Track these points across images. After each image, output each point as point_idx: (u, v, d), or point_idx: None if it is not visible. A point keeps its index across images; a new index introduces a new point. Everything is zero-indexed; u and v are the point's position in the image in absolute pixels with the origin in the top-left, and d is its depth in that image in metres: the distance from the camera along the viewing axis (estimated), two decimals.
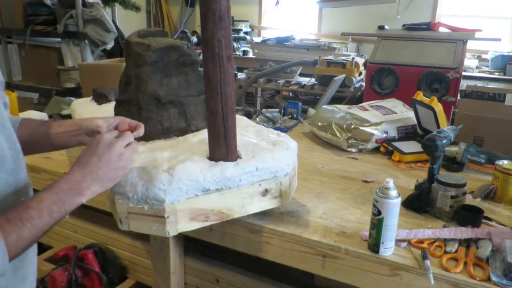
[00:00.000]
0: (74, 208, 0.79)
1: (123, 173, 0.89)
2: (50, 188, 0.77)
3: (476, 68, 4.65)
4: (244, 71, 4.39)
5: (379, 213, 1.06)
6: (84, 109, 1.77)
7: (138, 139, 1.26)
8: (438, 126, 1.76)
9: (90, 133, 1.01)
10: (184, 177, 1.03)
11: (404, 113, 2.07)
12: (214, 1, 0.93)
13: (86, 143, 0.97)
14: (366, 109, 2.08)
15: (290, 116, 2.43)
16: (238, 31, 6.06)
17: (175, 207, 1.03)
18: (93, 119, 1.02)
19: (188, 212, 1.06)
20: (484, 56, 5.00)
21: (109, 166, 0.84)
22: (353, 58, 3.79)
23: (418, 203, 1.33)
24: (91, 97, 1.92)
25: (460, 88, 2.91)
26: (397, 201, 1.06)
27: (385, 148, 1.88)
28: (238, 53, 5.68)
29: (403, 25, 3.37)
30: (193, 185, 1.04)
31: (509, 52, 4.83)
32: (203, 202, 1.07)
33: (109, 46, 4.14)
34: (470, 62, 4.64)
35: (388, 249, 1.09)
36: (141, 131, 1.02)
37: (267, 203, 1.19)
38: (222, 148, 1.08)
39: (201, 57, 1.06)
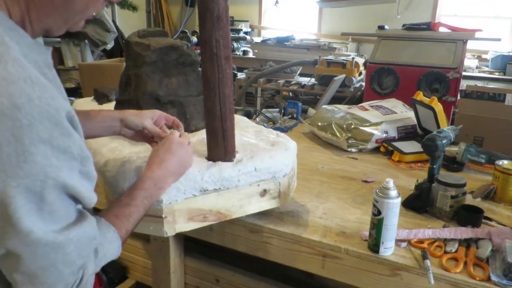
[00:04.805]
0: (158, 198, 0.95)
1: (189, 167, 1.02)
2: (138, 186, 0.90)
3: (476, 68, 4.64)
4: (244, 71, 4.39)
5: (379, 213, 1.06)
6: (86, 109, 1.77)
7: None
8: (438, 126, 1.76)
9: (132, 128, 1.04)
10: (182, 177, 1.03)
11: (404, 113, 2.07)
12: (212, 1, 0.93)
13: (125, 135, 1.05)
14: (366, 109, 2.08)
15: (290, 116, 2.42)
16: (238, 31, 6.05)
17: (173, 207, 1.03)
18: (139, 117, 1.03)
19: (186, 212, 1.06)
20: (484, 56, 4.99)
21: (181, 161, 0.98)
22: (353, 58, 3.79)
23: (418, 203, 1.33)
24: (92, 97, 1.92)
25: (460, 88, 2.91)
26: (397, 201, 1.06)
27: (385, 148, 1.88)
28: (238, 53, 5.67)
29: (403, 25, 3.37)
30: (191, 185, 1.04)
31: (509, 52, 4.82)
32: (201, 202, 1.07)
33: (109, 46, 4.14)
34: (470, 62, 4.63)
35: (388, 249, 1.09)
36: (181, 127, 1.08)
37: (266, 204, 1.19)
38: (220, 148, 1.08)
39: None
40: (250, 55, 5.60)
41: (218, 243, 1.33)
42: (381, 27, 3.41)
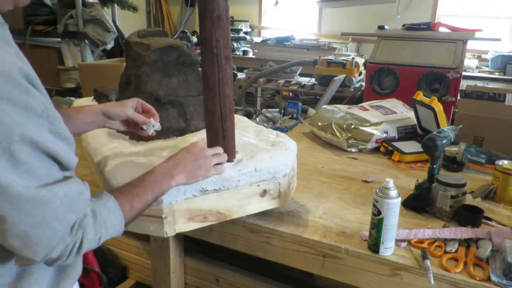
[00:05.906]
0: (168, 189, 0.93)
1: (205, 173, 1.00)
2: (151, 172, 0.91)
3: (476, 68, 4.63)
4: (244, 71, 4.38)
5: (379, 213, 1.06)
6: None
7: (138, 139, 1.26)
8: (438, 126, 1.76)
9: (115, 119, 1.04)
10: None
11: (404, 113, 2.07)
12: (212, 1, 0.93)
13: (110, 127, 1.06)
14: (366, 109, 2.08)
15: (290, 116, 2.42)
16: (238, 31, 6.05)
17: (173, 208, 1.03)
18: (121, 107, 1.04)
19: (186, 212, 1.06)
20: (484, 56, 4.99)
21: (196, 163, 0.98)
22: (353, 58, 3.78)
23: (418, 203, 1.33)
24: (92, 97, 1.93)
25: (460, 88, 2.91)
26: (397, 201, 1.06)
27: (385, 148, 1.88)
28: (238, 53, 5.67)
29: (403, 25, 3.37)
30: (191, 185, 1.04)
31: (509, 52, 4.82)
32: (201, 203, 1.07)
33: (109, 46, 4.13)
34: (470, 62, 4.63)
35: (388, 249, 1.09)
36: (156, 117, 1.08)
37: (266, 204, 1.19)
38: None
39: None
40: (250, 55, 5.60)
41: (218, 243, 1.33)
42: (381, 27, 3.41)
